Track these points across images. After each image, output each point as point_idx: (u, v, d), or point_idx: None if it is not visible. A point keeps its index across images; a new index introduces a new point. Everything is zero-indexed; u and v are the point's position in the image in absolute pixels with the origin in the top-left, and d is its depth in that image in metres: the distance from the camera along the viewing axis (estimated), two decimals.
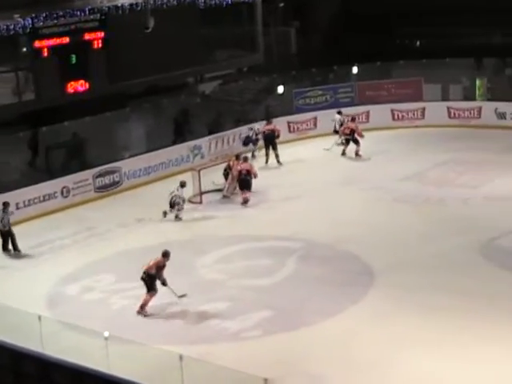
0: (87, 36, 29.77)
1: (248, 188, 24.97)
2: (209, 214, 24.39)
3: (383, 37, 36.70)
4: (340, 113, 30.72)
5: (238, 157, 25.81)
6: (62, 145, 27.34)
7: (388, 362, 15.22)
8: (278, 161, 28.63)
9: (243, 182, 24.96)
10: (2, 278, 20.38)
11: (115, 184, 26.74)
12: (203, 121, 30.58)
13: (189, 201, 24.81)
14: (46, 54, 28.67)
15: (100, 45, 30.04)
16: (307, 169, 28.05)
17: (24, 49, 29.00)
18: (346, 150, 29.10)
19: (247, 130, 29.90)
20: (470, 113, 31.78)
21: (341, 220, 22.84)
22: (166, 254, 18.02)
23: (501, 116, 31.26)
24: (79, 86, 29.59)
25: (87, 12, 29.66)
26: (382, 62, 33.46)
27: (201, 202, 25.26)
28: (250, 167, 25.22)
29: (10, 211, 22.36)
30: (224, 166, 26.05)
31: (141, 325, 17.42)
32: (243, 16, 35.57)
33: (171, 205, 23.67)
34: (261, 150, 29.12)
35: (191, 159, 28.67)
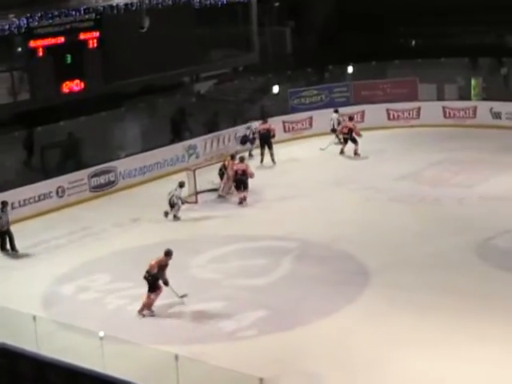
0: (82, 36, 29.79)
1: (245, 187, 24.96)
2: (204, 214, 24.38)
3: (378, 36, 36.74)
4: (337, 111, 30.67)
5: (234, 157, 25.80)
6: (58, 145, 27.31)
7: (383, 361, 15.22)
8: (273, 159, 28.63)
9: (239, 182, 24.98)
10: None
11: (110, 184, 26.73)
12: (198, 120, 30.57)
13: (184, 201, 24.83)
14: (41, 54, 28.68)
15: (95, 44, 30.06)
16: (302, 168, 28.04)
17: (19, 49, 28.99)
18: (345, 149, 29.14)
19: (244, 129, 29.90)
20: (466, 112, 31.77)
21: (336, 220, 22.83)
22: (169, 253, 17.76)
23: (496, 116, 31.24)
24: (74, 86, 29.61)
25: (82, 12, 29.67)
26: (378, 62, 33.44)
27: (196, 202, 25.27)
28: (246, 167, 25.22)
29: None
30: (219, 166, 26.07)
31: (136, 325, 17.39)
32: (238, 16, 35.57)
33: (171, 205, 23.68)
34: (257, 149, 29.16)
35: (186, 159, 28.66)
